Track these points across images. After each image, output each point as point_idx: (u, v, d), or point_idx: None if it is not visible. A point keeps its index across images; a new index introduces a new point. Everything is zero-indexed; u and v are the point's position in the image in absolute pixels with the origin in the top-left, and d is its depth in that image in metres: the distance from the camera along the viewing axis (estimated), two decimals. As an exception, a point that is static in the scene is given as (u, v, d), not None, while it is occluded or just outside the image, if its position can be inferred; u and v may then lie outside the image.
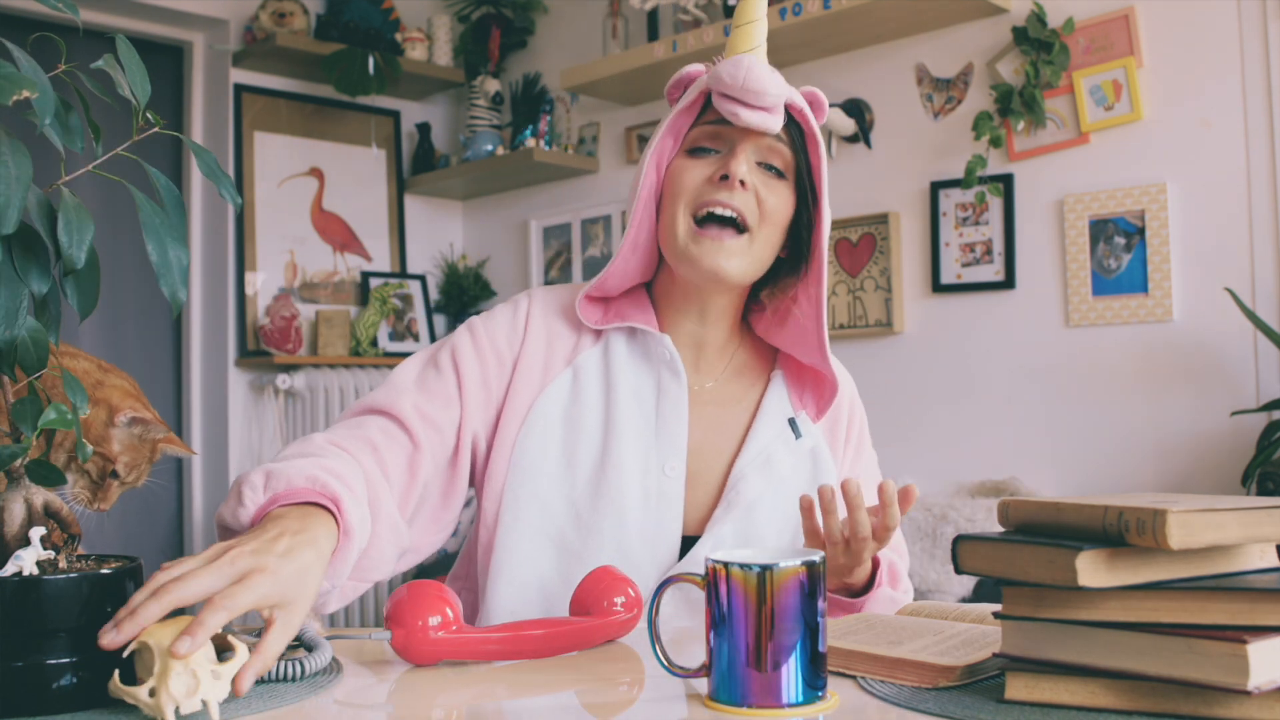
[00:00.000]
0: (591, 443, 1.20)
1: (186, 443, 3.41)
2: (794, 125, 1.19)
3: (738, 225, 1.16)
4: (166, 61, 3.48)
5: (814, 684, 0.78)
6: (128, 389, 1.00)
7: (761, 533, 1.21)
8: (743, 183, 1.15)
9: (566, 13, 3.59)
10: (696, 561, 1.18)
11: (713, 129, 1.18)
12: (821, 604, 0.79)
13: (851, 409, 1.32)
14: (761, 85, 1.11)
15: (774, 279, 1.26)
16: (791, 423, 1.24)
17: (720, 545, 1.19)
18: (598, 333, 1.26)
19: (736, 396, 1.27)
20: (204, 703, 0.74)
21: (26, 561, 0.79)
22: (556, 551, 1.19)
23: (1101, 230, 2.46)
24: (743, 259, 1.17)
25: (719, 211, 1.15)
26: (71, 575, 0.78)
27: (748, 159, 1.16)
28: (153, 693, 0.74)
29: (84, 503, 0.98)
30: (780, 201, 1.18)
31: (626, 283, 1.25)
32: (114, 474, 0.97)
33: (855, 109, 2.82)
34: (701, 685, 0.85)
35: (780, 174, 1.19)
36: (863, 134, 2.82)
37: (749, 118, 1.13)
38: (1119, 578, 0.72)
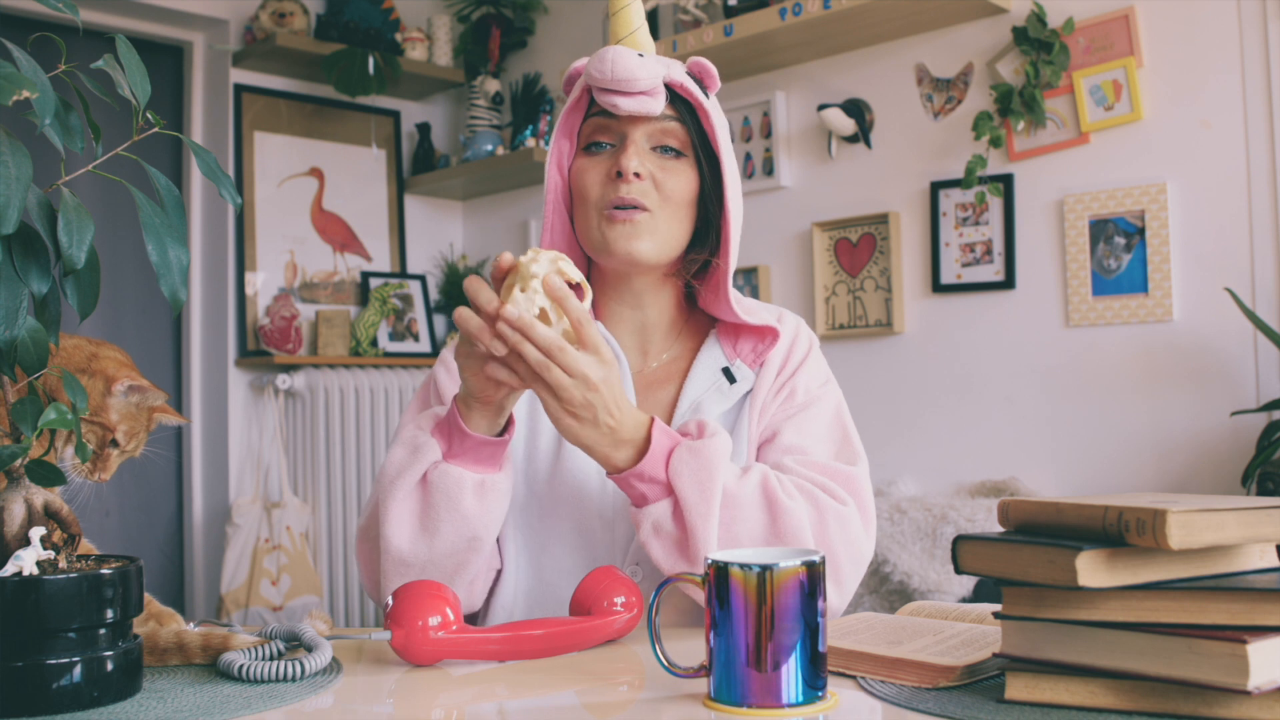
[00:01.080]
0: (549, 435, 1.23)
1: (187, 442, 3.42)
2: (681, 101, 1.20)
3: (642, 211, 1.18)
4: (166, 61, 3.48)
5: (814, 684, 0.78)
6: (122, 360, 1.00)
7: None
8: (637, 174, 1.17)
9: (566, 13, 3.59)
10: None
11: (601, 121, 1.21)
12: (822, 604, 0.79)
13: (793, 346, 1.26)
14: (629, 73, 1.14)
15: (691, 254, 1.25)
16: (726, 371, 1.24)
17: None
18: None
19: (680, 369, 1.28)
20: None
21: (26, 561, 0.79)
22: (526, 543, 1.22)
23: (1101, 230, 2.46)
24: (652, 239, 1.18)
25: (621, 208, 1.18)
26: (71, 575, 0.78)
27: (638, 149, 1.18)
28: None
29: (84, 474, 0.98)
30: (680, 181, 1.20)
31: None
32: (113, 443, 0.98)
33: (855, 109, 2.82)
34: (701, 685, 0.85)
35: (678, 153, 1.20)
36: (863, 134, 2.82)
37: (628, 105, 1.15)
38: (1119, 578, 0.72)
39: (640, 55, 1.15)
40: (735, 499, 1.08)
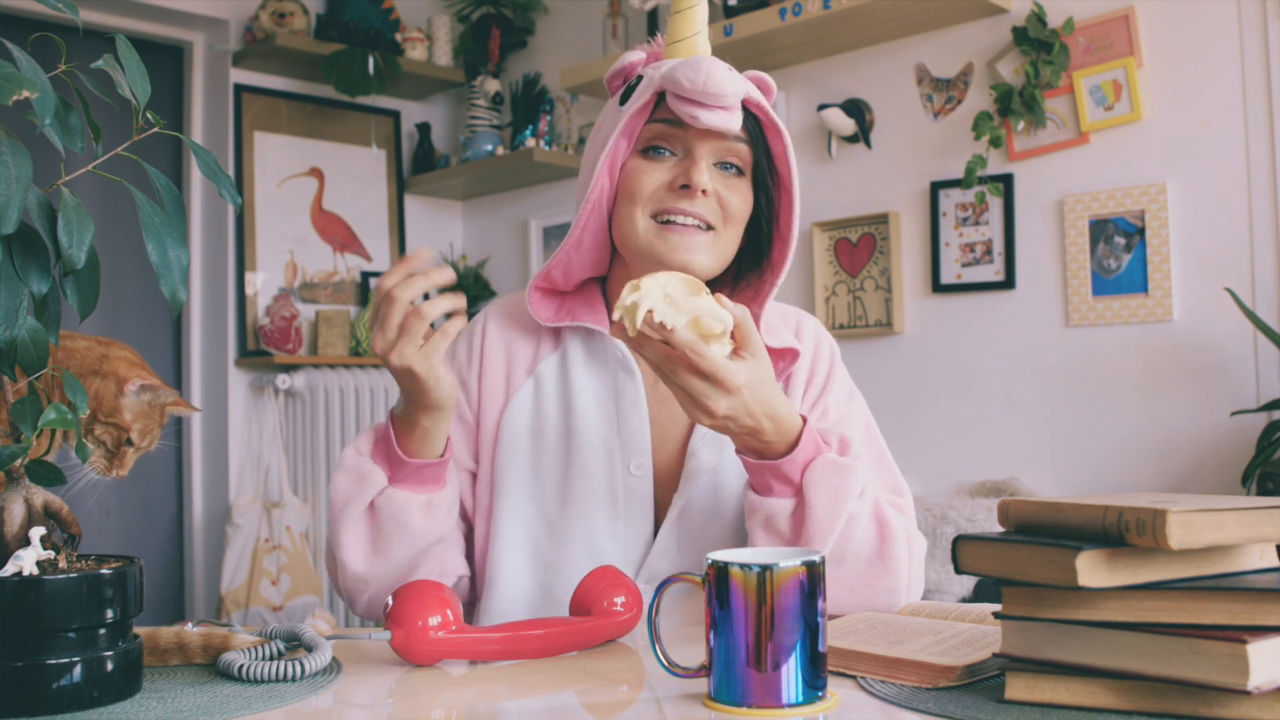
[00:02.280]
0: (556, 451, 1.20)
1: (187, 442, 3.42)
2: (750, 119, 1.16)
3: (704, 225, 1.15)
4: (166, 61, 3.48)
5: (814, 684, 0.78)
6: (131, 359, 1.01)
7: (724, 503, 1.18)
8: (704, 191, 1.13)
9: (566, 13, 3.59)
10: (664, 549, 1.17)
11: (667, 129, 1.15)
12: (822, 604, 0.79)
13: (817, 348, 1.26)
14: (722, 88, 1.07)
15: (735, 273, 1.24)
16: None
17: (684, 524, 1.17)
18: (557, 336, 1.25)
19: None
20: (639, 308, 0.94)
21: (26, 561, 0.79)
22: (534, 564, 1.20)
23: (1101, 230, 2.46)
24: (709, 254, 1.15)
25: (681, 220, 1.14)
26: (71, 575, 0.78)
27: (707, 164, 1.15)
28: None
29: (102, 471, 0.99)
30: (742, 201, 1.17)
31: (577, 276, 1.23)
32: (129, 441, 0.98)
33: (855, 109, 2.82)
34: (701, 685, 0.85)
35: (739, 171, 1.17)
36: (863, 134, 2.82)
37: (710, 119, 1.09)
38: (1119, 578, 0.72)
39: (730, 69, 1.10)
40: (854, 521, 1.07)
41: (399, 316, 1.03)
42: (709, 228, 1.15)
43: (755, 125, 1.16)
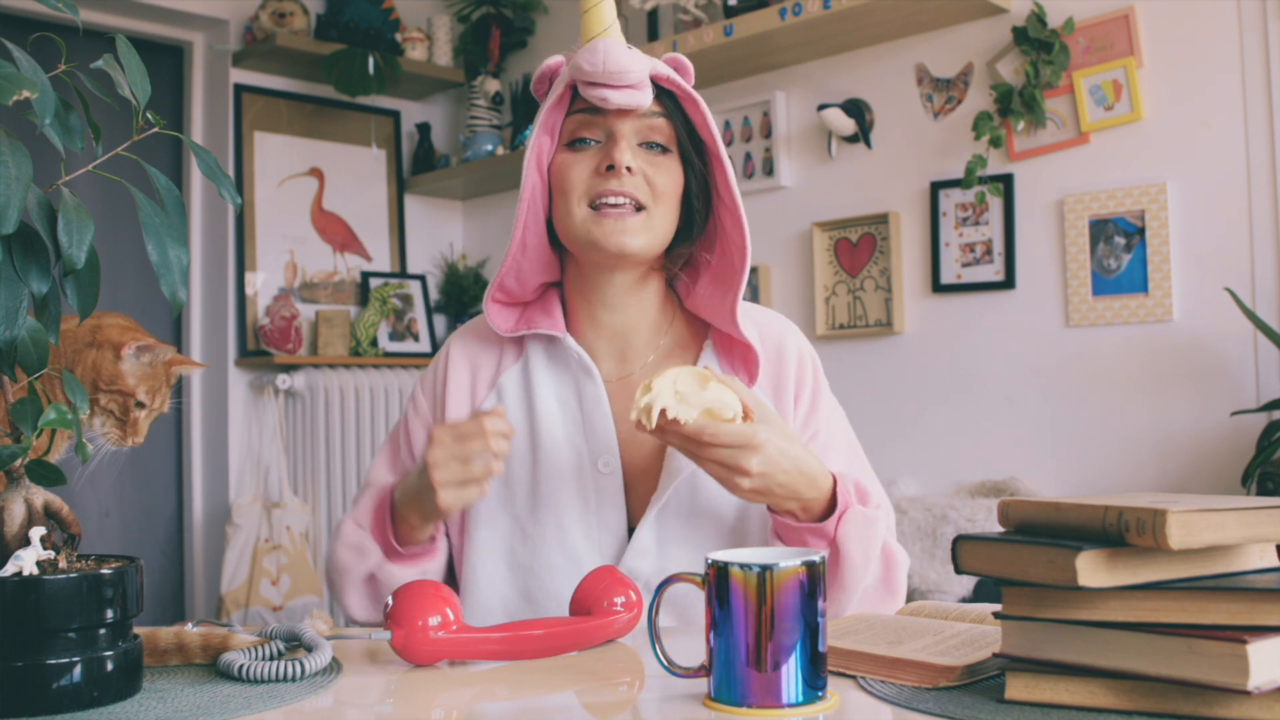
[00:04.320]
0: (523, 457, 1.23)
1: (187, 442, 3.42)
2: (665, 96, 1.18)
3: (635, 206, 1.17)
4: (166, 61, 3.48)
5: (814, 684, 0.78)
6: (124, 324, 1.00)
7: (704, 504, 1.19)
8: (629, 169, 1.16)
9: (566, 13, 3.59)
10: (643, 548, 1.18)
11: (586, 118, 1.18)
12: (822, 604, 0.79)
13: (800, 364, 1.26)
14: (621, 65, 1.12)
15: (674, 249, 1.25)
16: None
17: (663, 524, 1.18)
18: (520, 346, 1.28)
19: None
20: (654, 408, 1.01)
21: (26, 561, 0.79)
22: (510, 569, 1.21)
23: (1101, 230, 2.46)
24: (644, 234, 1.18)
25: (612, 200, 1.16)
26: (71, 575, 0.78)
27: (629, 144, 1.17)
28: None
29: (114, 441, 0.98)
30: (669, 177, 1.19)
31: (531, 283, 1.26)
32: (139, 405, 0.98)
33: (855, 109, 2.82)
34: (701, 685, 0.85)
35: (664, 149, 1.19)
36: (863, 134, 2.82)
37: (618, 99, 1.13)
38: (1119, 578, 0.72)
39: (629, 48, 1.14)
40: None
41: (479, 466, 1.08)
42: (640, 208, 1.17)
43: (671, 100, 1.19)
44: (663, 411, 1.01)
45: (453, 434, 1.09)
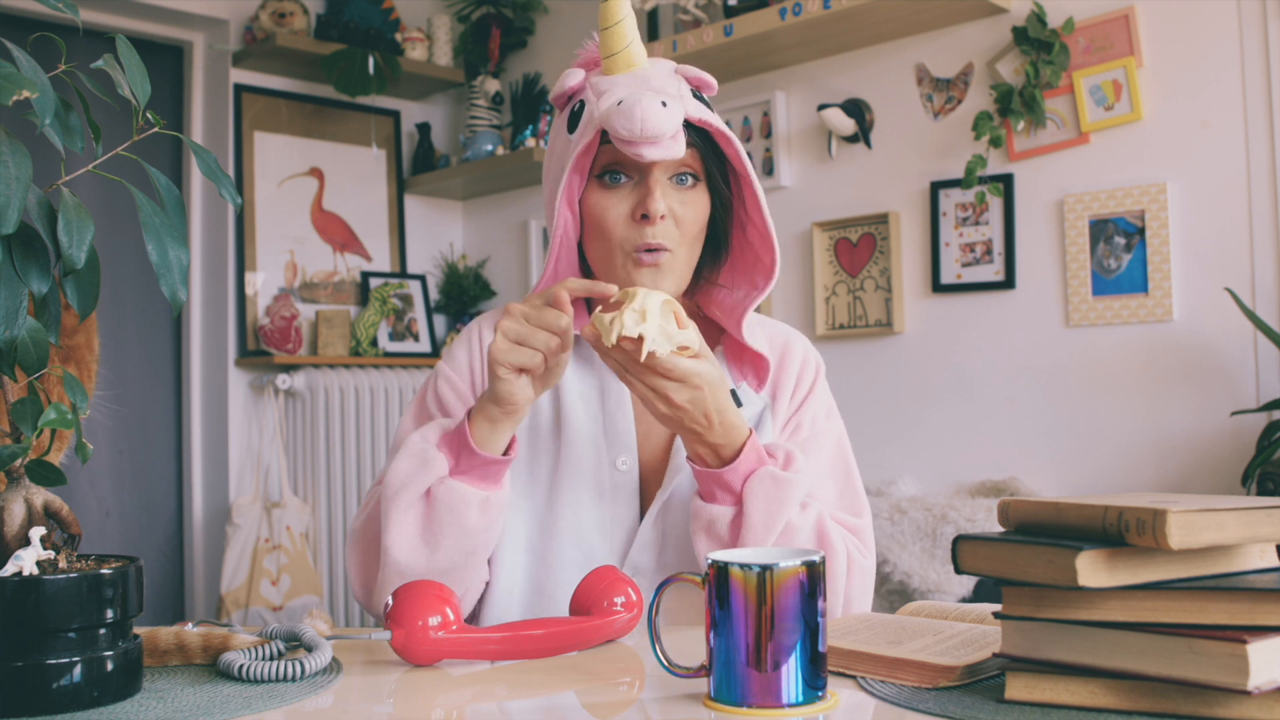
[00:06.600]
0: (548, 449, 1.25)
1: (187, 442, 3.42)
2: (694, 130, 1.18)
3: (668, 250, 1.19)
4: (166, 61, 3.48)
5: (814, 684, 0.78)
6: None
7: None
8: (662, 216, 1.17)
9: (566, 13, 3.59)
10: (646, 542, 1.20)
11: (618, 153, 1.17)
12: (822, 604, 0.79)
13: (804, 363, 1.29)
14: (659, 129, 1.09)
15: (701, 268, 1.28)
16: (732, 394, 1.25)
17: (664, 518, 1.20)
18: None
19: None
20: (640, 335, 1.00)
21: (26, 561, 0.79)
22: (527, 557, 1.23)
23: (1101, 230, 2.46)
24: (673, 277, 1.20)
25: (648, 254, 1.18)
26: (71, 575, 0.78)
27: (661, 188, 1.17)
28: (612, 320, 1.01)
29: None
30: (697, 210, 1.20)
31: None
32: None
33: (855, 109, 2.82)
34: (701, 685, 0.85)
35: (695, 177, 1.21)
36: (863, 134, 2.82)
37: (654, 154, 1.12)
38: (1119, 578, 0.72)
39: (664, 104, 1.10)
40: (791, 532, 1.12)
41: (544, 343, 1.07)
42: (669, 252, 1.19)
43: (701, 136, 1.19)
44: (637, 339, 1.01)
45: (525, 314, 1.08)
